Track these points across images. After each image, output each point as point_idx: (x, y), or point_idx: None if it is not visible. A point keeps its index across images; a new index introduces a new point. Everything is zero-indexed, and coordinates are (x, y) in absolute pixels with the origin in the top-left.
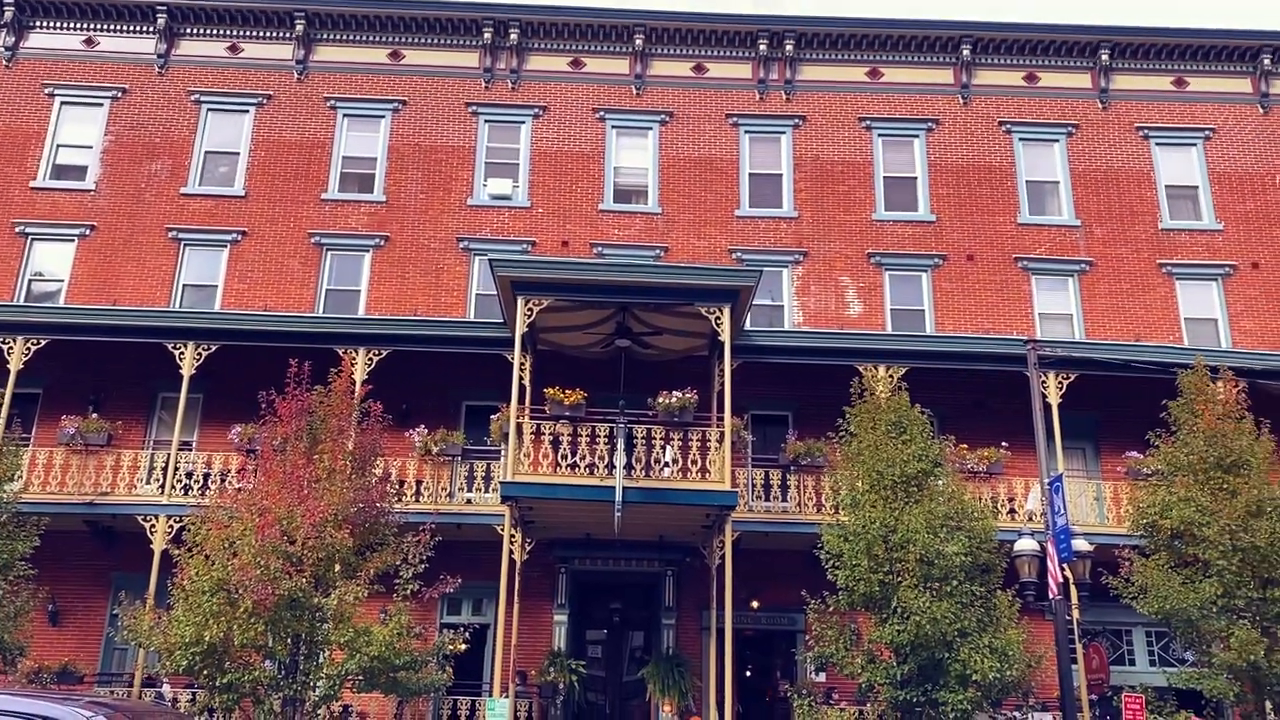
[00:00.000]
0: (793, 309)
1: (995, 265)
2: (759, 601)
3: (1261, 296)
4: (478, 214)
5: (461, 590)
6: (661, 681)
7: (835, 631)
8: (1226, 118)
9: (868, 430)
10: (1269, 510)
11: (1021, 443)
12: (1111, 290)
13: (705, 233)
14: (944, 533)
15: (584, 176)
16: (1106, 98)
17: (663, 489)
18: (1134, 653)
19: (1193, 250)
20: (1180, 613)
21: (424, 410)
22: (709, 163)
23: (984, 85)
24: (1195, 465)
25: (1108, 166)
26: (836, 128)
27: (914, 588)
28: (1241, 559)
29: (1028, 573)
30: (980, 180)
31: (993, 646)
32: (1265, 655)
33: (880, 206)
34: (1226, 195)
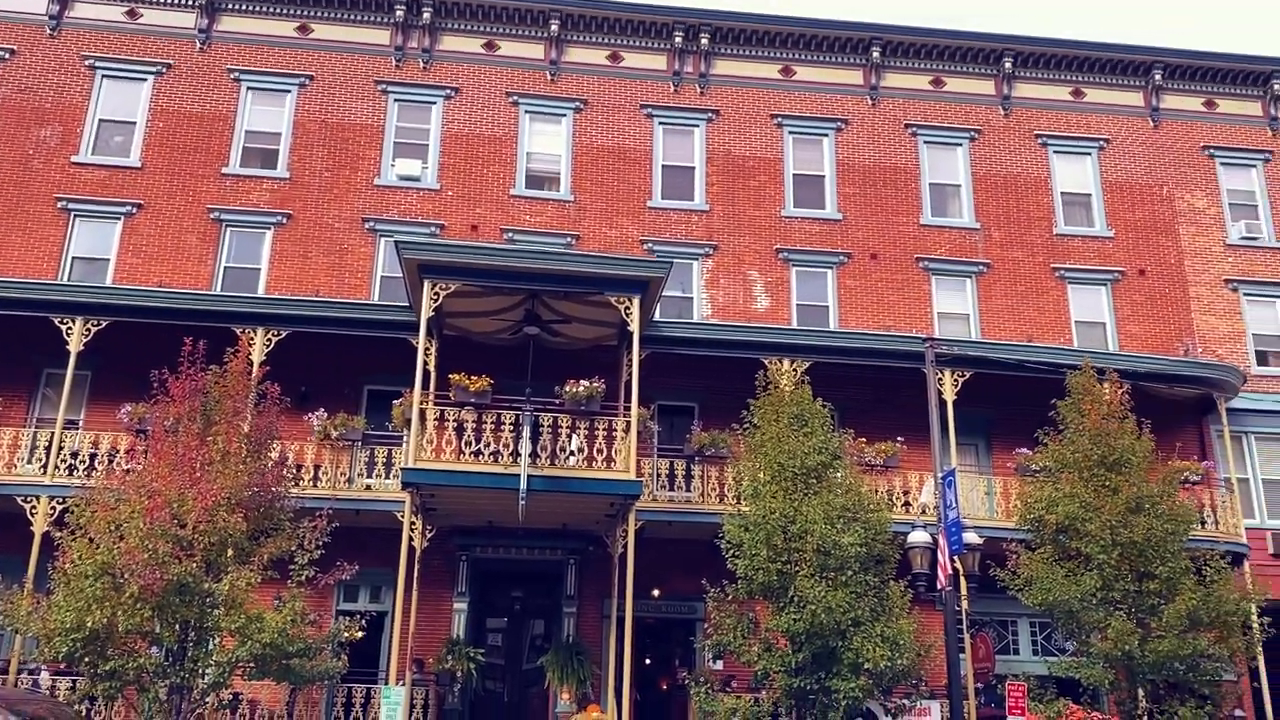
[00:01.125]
0: (702, 301)
1: (898, 264)
2: (660, 590)
3: (1147, 302)
4: (385, 194)
5: (360, 577)
6: (560, 669)
7: (733, 620)
8: (1120, 129)
9: (771, 422)
10: (1147, 507)
11: (918, 437)
12: (1007, 292)
13: (617, 222)
14: (841, 524)
15: (496, 161)
16: (1008, 105)
17: (567, 478)
18: (1018, 642)
19: (1085, 256)
20: (1062, 604)
21: (324, 393)
22: (622, 152)
23: (892, 88)
24: (1080, 463)
25: (1007, 172)
26: (749, 123)
27: (811, 577)
28: (1120, 553)
29: (920, 564)
30: (886, 181)
31: (885, 635)
32: (1139, 645)
33: (789, 203)
34: (1117, 204)
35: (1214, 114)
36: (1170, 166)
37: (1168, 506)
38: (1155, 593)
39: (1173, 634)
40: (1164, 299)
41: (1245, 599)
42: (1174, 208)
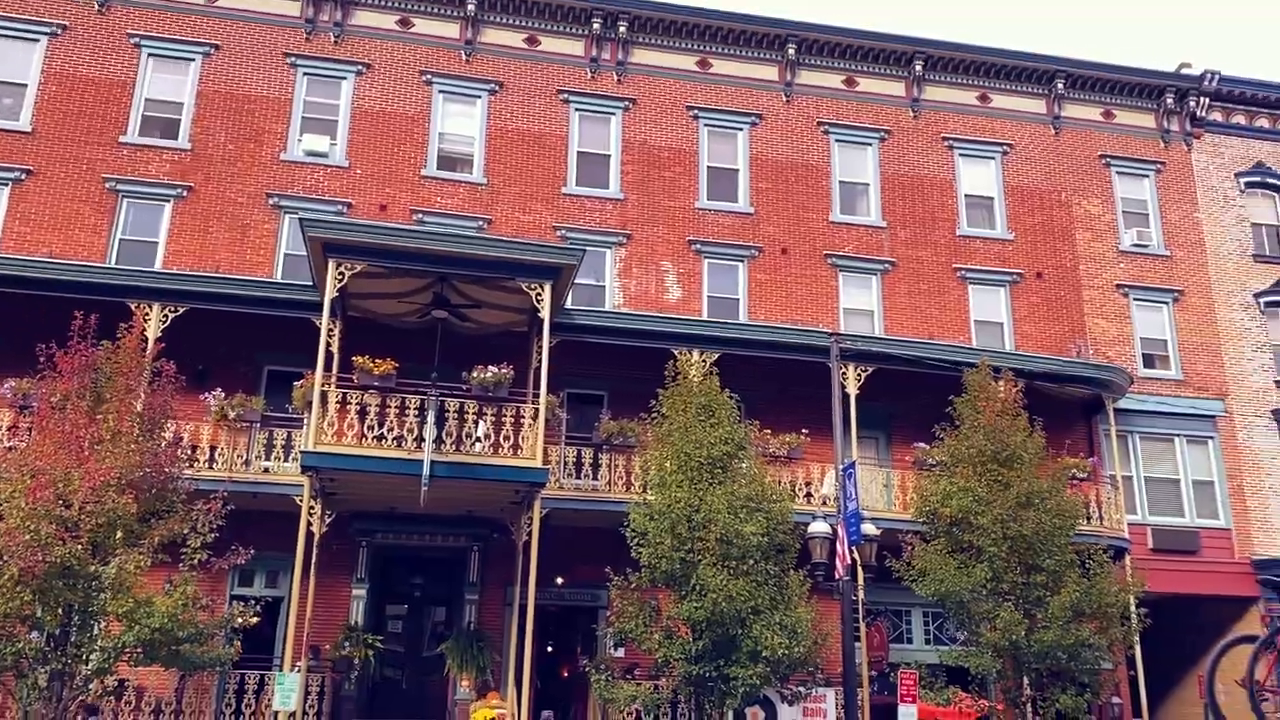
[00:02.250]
0: (614, 290)
1: (807, 260)
2: (564, 578)
3: (1043, 304)
4: (291, 170)
5: (255, 561)
6: (461, 657)
7: (636, 608)
8: (1023, 135)
9: (679, 412)
10: (1036, 502)
11: (821, 430)
12: (911, 290)
13: (531, 208)
14: (744, 513)
15: (407, 140)
16: (918, 107)
17: (473, 464)
18: (912, 632)
19: (985, 257)
20: (954, 595)
21: (223, 373)
22: (538, 137)
23: (806, 85)
24: (975, 458)
25: (914, 173)
26: (665, 114)
27: (713, 566)
28: (1010, 546)
29: (819, 554)
30: (797, 177)
31: (783, 624)
32: (1025, 635)
33: (703, 195)
34: (1018, 208)
35: (1111, 124)
36: (1069, 173)
37: (1056, 502)
38: (1042, 585)
39: (1057, 624)
40: (1059, 301)
41: (1125, 591)
42: (1071, 213)
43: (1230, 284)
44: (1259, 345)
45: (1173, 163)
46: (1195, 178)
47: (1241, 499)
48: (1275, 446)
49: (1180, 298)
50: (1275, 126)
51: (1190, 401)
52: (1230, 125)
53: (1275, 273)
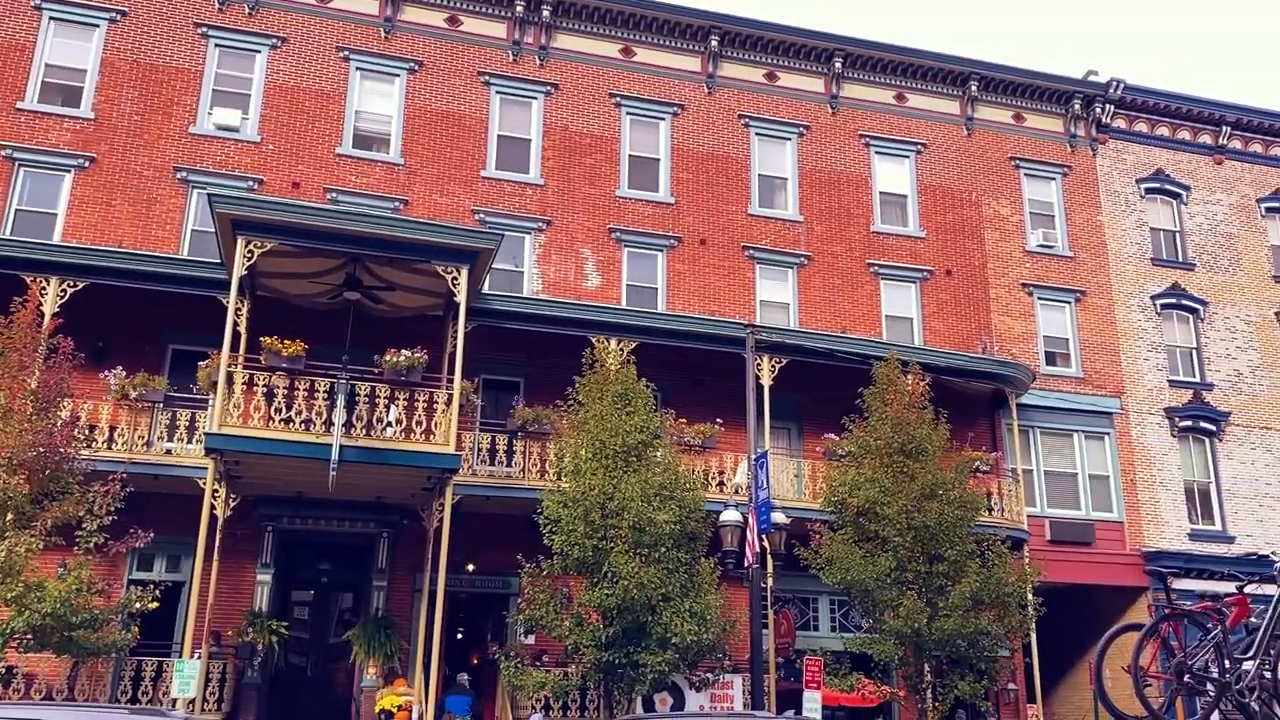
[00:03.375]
0: (532, 276)
1: (725, 251)
2: (475, 565)
3: (952, 301)
4: (200, 144)
5: (156, 545)
6: (367, 643)
7: (547, 595)
8: (937, 135)
9: (595, 400)
10: (940, 493)
11: (735, 420)
12: (825, 284)
13: (449, 190)
14: (657, 501)
15: (322, 117)
16: (836, 104)
17: (383, 449)
18: (818, 619)
19: (898, 254)
20: (860, 583)
21: (125, 351)
22: (457, 119)
23: (728, 78)
24: (882, 449)
25: (832, 169)
26: (587, 100)
27: (626, 553)
28: (914, 536)
29: (730, 542)
30: (718, 169)
31: (693, 611)
32: (927, 623)
33: (624, 183)
34: (931, 206)
35: (1022, 127)
36: (980, 174)
37: (959, 493)
38: (944, 574)
39: (958, 613)
40: (967, 299)
41: (1022, 581)
42: (981, 213)
43: (1129, 286)
44: (1154, 345)
45: (1078, 167)
46: (1099, 182)
47: (1134, 493)
48: (1167, 443)
49: (1082, 298)
50: (1175, 135)
51: (1089, 399)
52: (1133, 132)
53: (1171, 276)
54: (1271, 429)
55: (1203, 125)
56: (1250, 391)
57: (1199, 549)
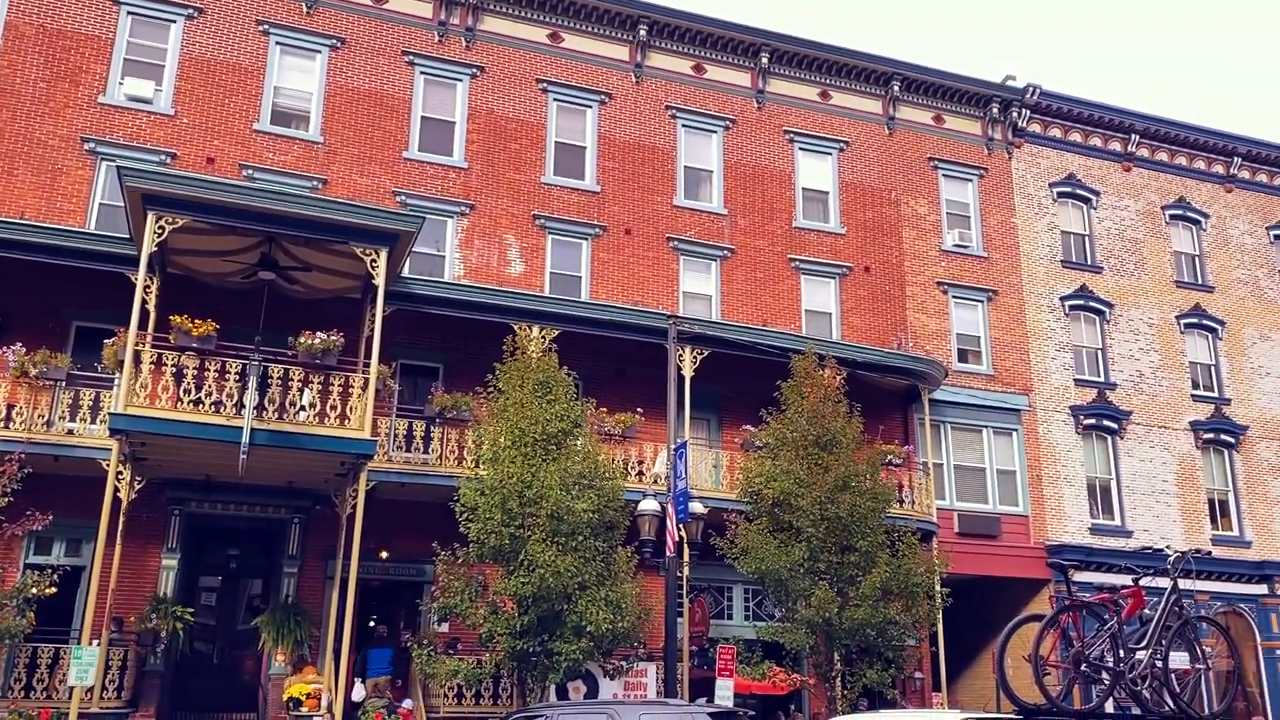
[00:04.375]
0: (454, 261)
1: (649, 242)
2: (389, 552)
3: (870, 297)
4: (111, 114)
5: (55, 528)
6: (276, 630)
7: (462, 583)
8: (859, 134)
9: (516, 388)
10: (853, 485)
11: (656, 410)
12: (748, 277)
13: (369, 170)
14: (576, 490)
15: (240, 92)
16: (762, 99)
17: (296, 433)
18: (732, 608)
19: (819, 249)
20: (773, 573)
21: (25, 327)
22: (380, 98)
23: (656, 68)
24: (798, 441)
25: (756, 163)
26: (514, 85)
27: (543, 542)
28: (827, 527)
29: (648, 531)
30: (644, 159)
31: (609, 599)
32: (838, 612)
33: (550, 170)
34: (851, 203)
35: (941, 128)
36: (900, 173)
37: (871, 485)
38: (855, 564)
39: (868, 603)
40: (884, 296)
41: (930, 572)
42: (900, 211)
43: (1039, 287)
44: (1062, 345)
45: (994, 169)
46: (1014, 185)
47: (1039, 488)
48: (1071, 440)
49: (994, 297)
50: (1087, 141)
51: (998, 395)
52: (1047, 137)
53: (1080, 278)
54: (1169, 428)
55: (1113, 133)
56: (1151, 392)
57: (1099, 543)
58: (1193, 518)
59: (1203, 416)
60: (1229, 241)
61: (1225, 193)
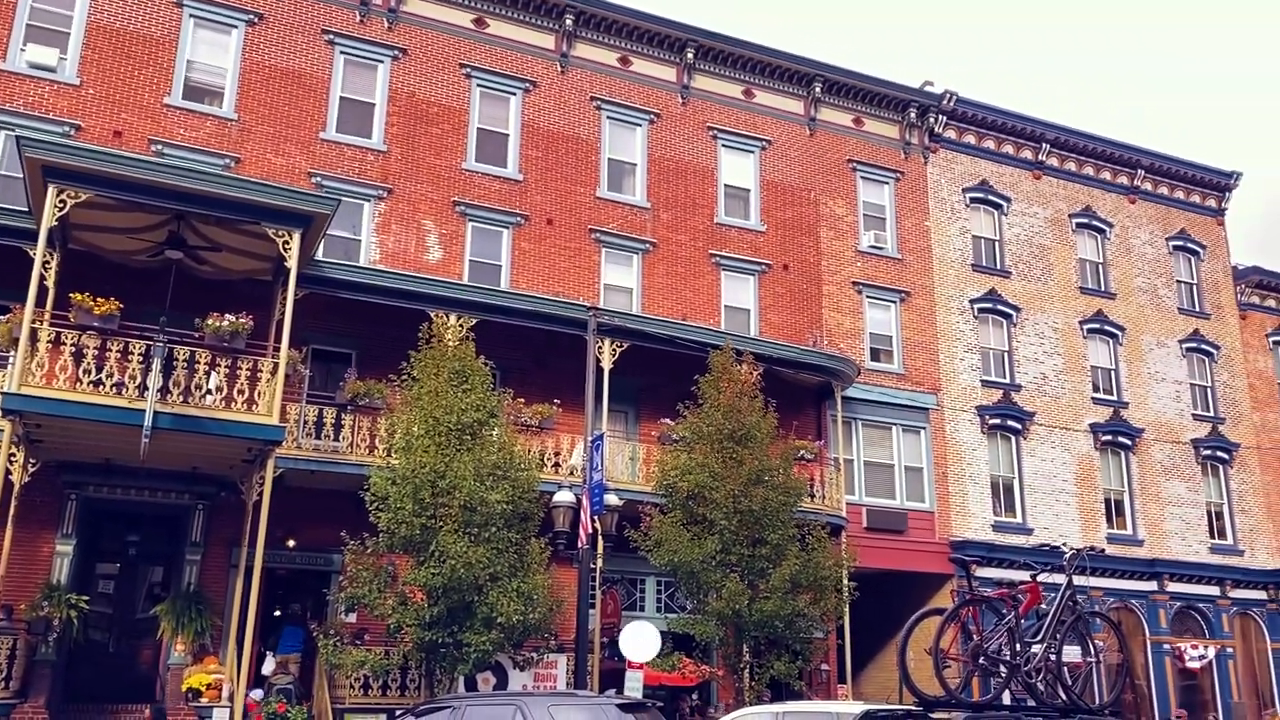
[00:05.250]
0: (371, 245)
1: (572, 233)
2: (297, 540)
3: (788, 295)
4: (11, 82)
5: None
6: (177, 619)
7: (371, 573)
8: (781, 133)
9: (431, 376)
10: (766, 479)
11: (574, 401)
12: (668, 272)
13: (285, 150)
14: (490, 481)
15: (150, 64)
16: (687, 94)
17: (202, 418)
18: (645, 600)
19: (739, 246)
20: (686, 565)
21: None
22: (298, 77)
23: (582, 59)
24: (713, 435)
25: (679, 158)
26: (437, 69)
27: (455, 533)
28: (740, 520)
29: (562, 522)
30: (568, 149)
31: (520, 591)
32: (748, 605)
33: (471, 156)
34: (772, 202)
35: (861, 131)
36: (819, 174)
37: (784, 480)
38: (765, 557)
39: (777, 595)
40: (802, 293)
41: (839, 565)
42: (818, 211)
43: (950, 289)
44: (970, 347)
45: (910, 173)
46: (929, 189)
47: (945, 485)
48: (976, 439)
49: (907, 298)
50: (1000, 149)
51: (908, 394)
52: (962, 143)
53: (989, 282)
54: (1070, 430)
55: (1025, 141)
56: (1053, 394)
57: (1001, 539)
58: (1090, 516)
59: (1102, 419)
60: (1131, 250)
61: (1129, 203)
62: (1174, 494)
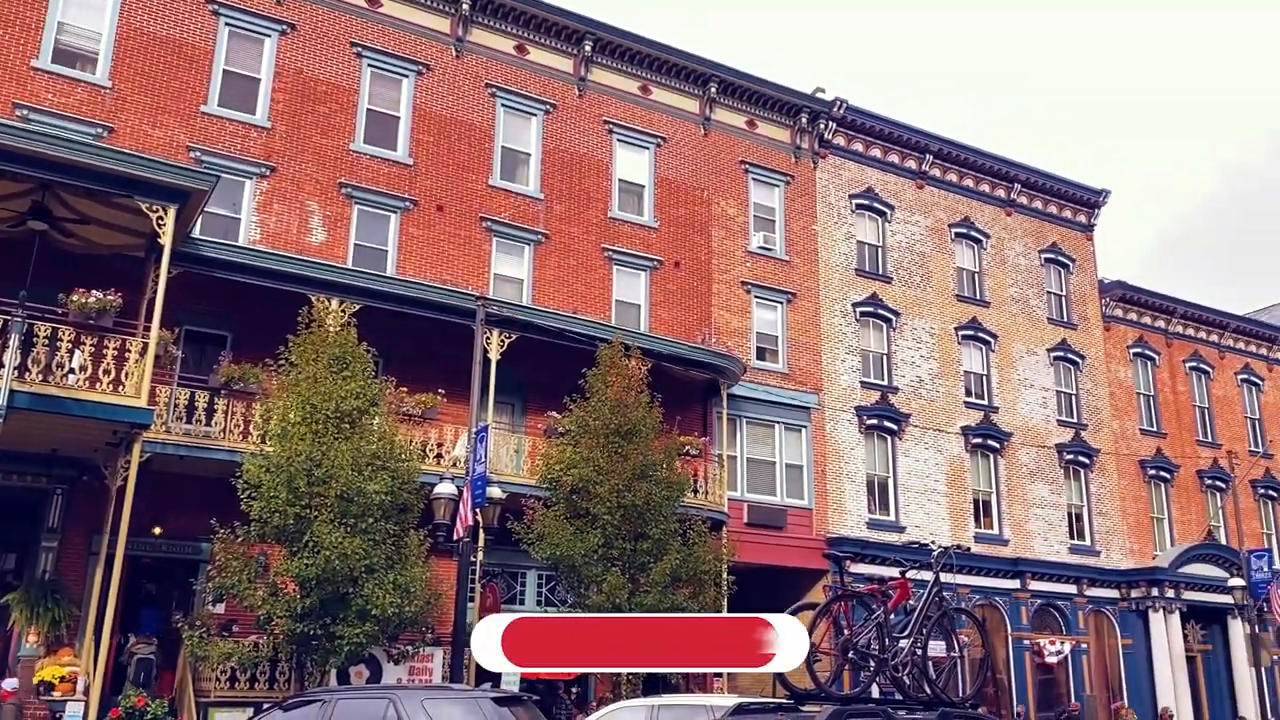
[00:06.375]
0: (251, 224)
1: (462, 220)
2: (163, 528)
3: (678, 291)
4: None
5: None
6: (30, 609)
7: (241, 563)
8: (676, 131)
9: (310, 362)
10: (650, 474)
11: (459, 392)
12: (560, 264)
13: (162, 122)
14: (369, 471)
15: (16, 23)
16: (584, 87)
17: (63, 398)
18: (525, 593)
19: (632, 241)
20: (568, 559)
21: None
22: (178, 46)
23: (478, 44)
24: (599, 430)
25: (574, 150)
26: (327, 46)
27: (331, 523)
28: (623, 515)
29: (443, 514)
30: (461, 135)
31: (397, 583)
32: (628, 598)
33: (360, 138)
34: (665, 199)
35: (754, 133)
36: (712, 173)
37: (667, 475)
38: (647, 551)
39: (657, 589)
40: (692, 291)
41: (719, 560)
42: (710, 211)
43: (834, 292)
44: (851, 349)
45: (800, 177)
46: (817, 193)
47: (824, 483)
48: (854, 438)
49: (792, 300)
50: (886, 158)
51: (791, 393)
52: (850, 151)
53: (872, 286)
54: (943, 431)
55: (910, 151)
56: (928, 397)
57: (875, 537)
58: (959, 516)
59: (973, 422)
60: (1006, 261)
61: (1005, 215)
62: (1038, 496)
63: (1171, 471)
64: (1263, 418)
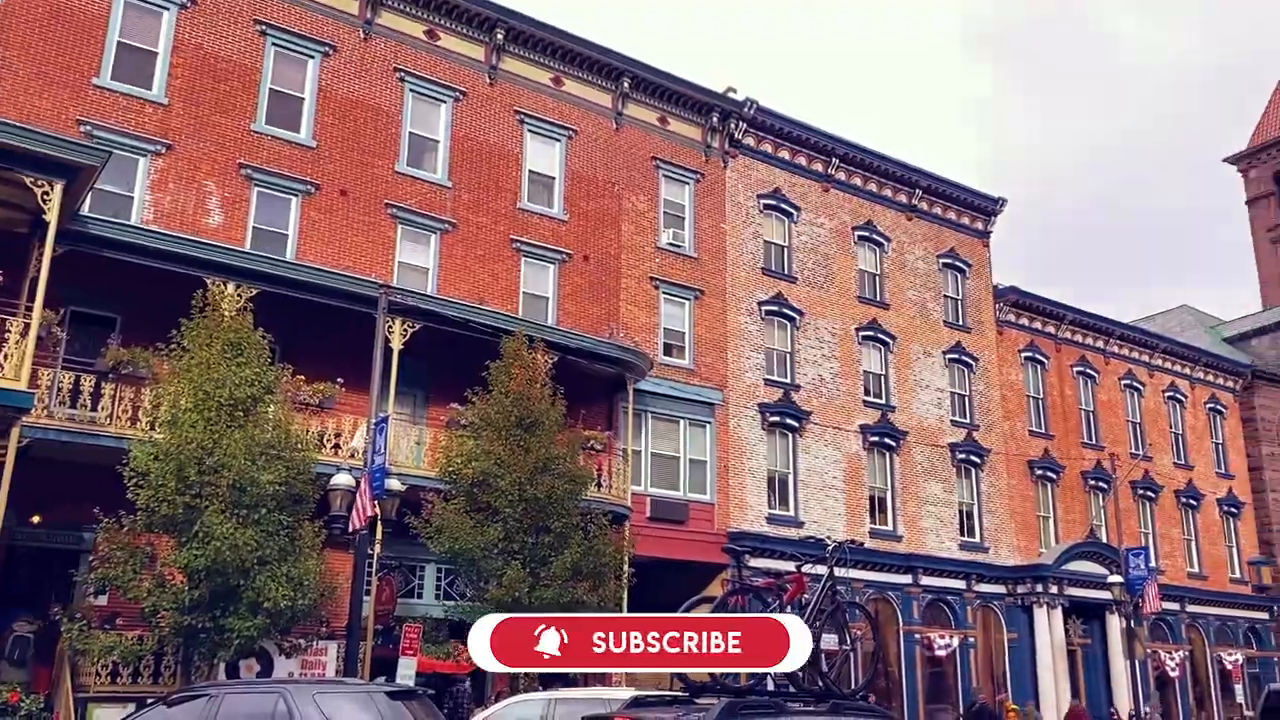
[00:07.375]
0: (145, 204)
1: (367, 206)
2: (43, 517)
3: (587, 286)
4: None
5: None
6: None
7: (126, 553)
8: (588, 125)
9: (203, 347)
10: (553, 467)
11: (360, 381)
12: (467, 254)
13: (52, 94)
14: (263, 460)
15: None
16: (495, 75)
17: None
18: (424, 587)
19: (541, 233)
20: (467, 552)
21: None
22: (68, 15)
23: (387, 27)
24: (502, 422)
25: (484, 139)
26: (229, 23)
27: (222, 513)
28: (525, 508)
29: (339, 506)
30: (367, 120)
31: (290, 575)
32: (528, 592)
33: (262, 118)
34: (576, 192)
35: (665, 130)
36: (624, 168)
37: (570, 468)
38: (548, 545)
39: (558, 583)
40: (600, 286)
41: (620, 553)
42: (621, 205)
43: (741, 291)
44: (756, 346)
45: (710, 175)
46: (726, 192)
47: (726, 478)
48: (757, 435)
49: (700, 297)
50: (794, 160)
51: (696, 389)
52: (760, 151)
53: (777, 286)
54: (842, 429)
55: (817, 154)
56: (829, 395)
57: (775, 531)
58: (856, 512)
59: (871, 421)
60: (905, 265)
61: (907, 220)
62: (931, 493)
63: (1058, 472)
64: (1143, 421)
